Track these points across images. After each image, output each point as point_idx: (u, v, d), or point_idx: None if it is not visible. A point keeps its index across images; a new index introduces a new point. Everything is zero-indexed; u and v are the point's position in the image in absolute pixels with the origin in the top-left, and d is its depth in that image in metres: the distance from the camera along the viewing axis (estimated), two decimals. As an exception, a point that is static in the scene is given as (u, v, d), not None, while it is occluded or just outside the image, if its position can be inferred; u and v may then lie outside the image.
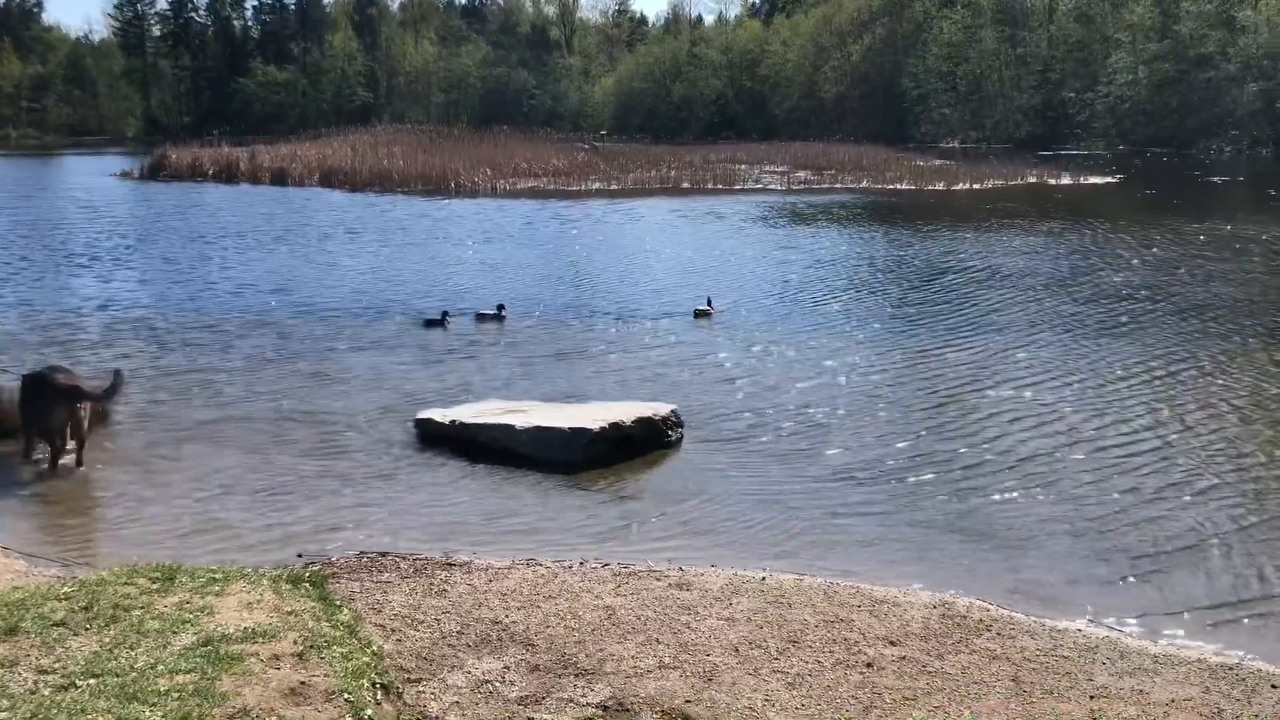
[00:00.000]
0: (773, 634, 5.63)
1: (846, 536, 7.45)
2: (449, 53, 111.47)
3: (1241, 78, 53.81)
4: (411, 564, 6.64)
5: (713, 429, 9.95)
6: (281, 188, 39.79)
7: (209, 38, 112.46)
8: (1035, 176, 40.35)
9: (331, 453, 9.31)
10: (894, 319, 15.26)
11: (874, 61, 76.08)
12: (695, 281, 18.48)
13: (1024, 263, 20.17)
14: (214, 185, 41.45)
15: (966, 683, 5.13)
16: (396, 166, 41.09)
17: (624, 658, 5.28)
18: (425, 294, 17.44)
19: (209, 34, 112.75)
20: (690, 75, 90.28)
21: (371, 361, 12.77)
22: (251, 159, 44.58)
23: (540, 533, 7.53)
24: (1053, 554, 7.10)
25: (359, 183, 39.31)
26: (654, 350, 13.44)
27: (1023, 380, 11.52)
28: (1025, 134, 65.35)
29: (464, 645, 5.40)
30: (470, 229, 27.01)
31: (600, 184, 40.20)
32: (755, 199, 35.00)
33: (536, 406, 10.01)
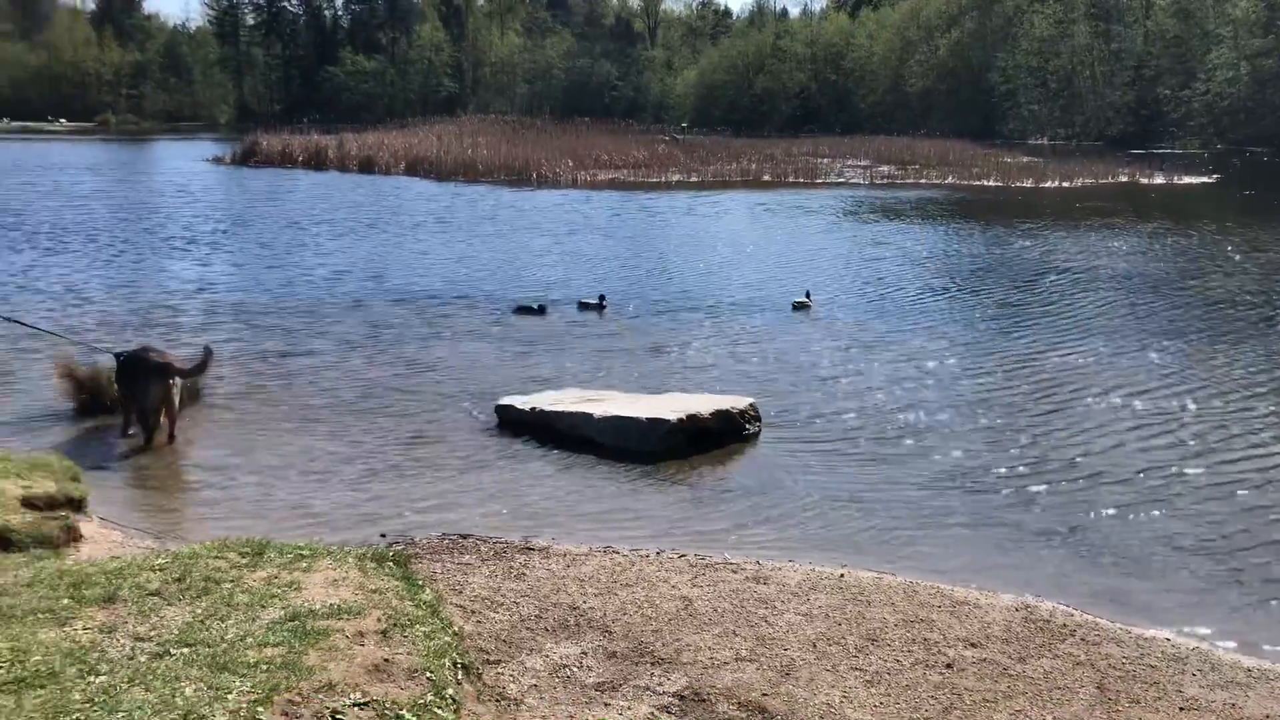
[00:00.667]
0: (851, 631, 5.59)
1: (927, 537, 7.36)
2: (534, 44, 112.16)
3: (1350, 75, 51.85)
4: (491, 547, 6.72)
5: (792, 424, 9.89)
6: (368, 176, 40.45)
7: (300, 27, 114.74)
8: (1127, 175, 39.36)
9: (415, 436, 9.45)
10: (990, 319, 14.94)
11: (962, 56, 74.69)
12: (786, 275, 18.41)
13: (1123, 264, 19.70)
14: (303, 172, 42.28)
15: (1049, 688, 5.03)
16: (481, 156, 41.51)
17: (701, 648, 5.28)
18: (516, 283, 17.59)
19: (300, 23, 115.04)
20: (773, 68, 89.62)
21: (459, 348, 12.94)
22: (339, 147, 45.36)
23: (617, 521, 7.56)
24: (1141, 561, 6.93)
25: (444, 172, 39.79)
26: (741, 343, 13.42)
27: (1118, 386, 11.21)
28: (1117, 131, 63.67)
29: (542, 629, 5.45)
30: (556, 219, 27.19)
31: (680, 176, 40.16)
32: (838, 193, 34.68)
33: (614, 396, 10.05)
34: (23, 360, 11.72)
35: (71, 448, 8.75)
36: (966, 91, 73.19)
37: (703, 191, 35.30)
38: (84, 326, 13.19)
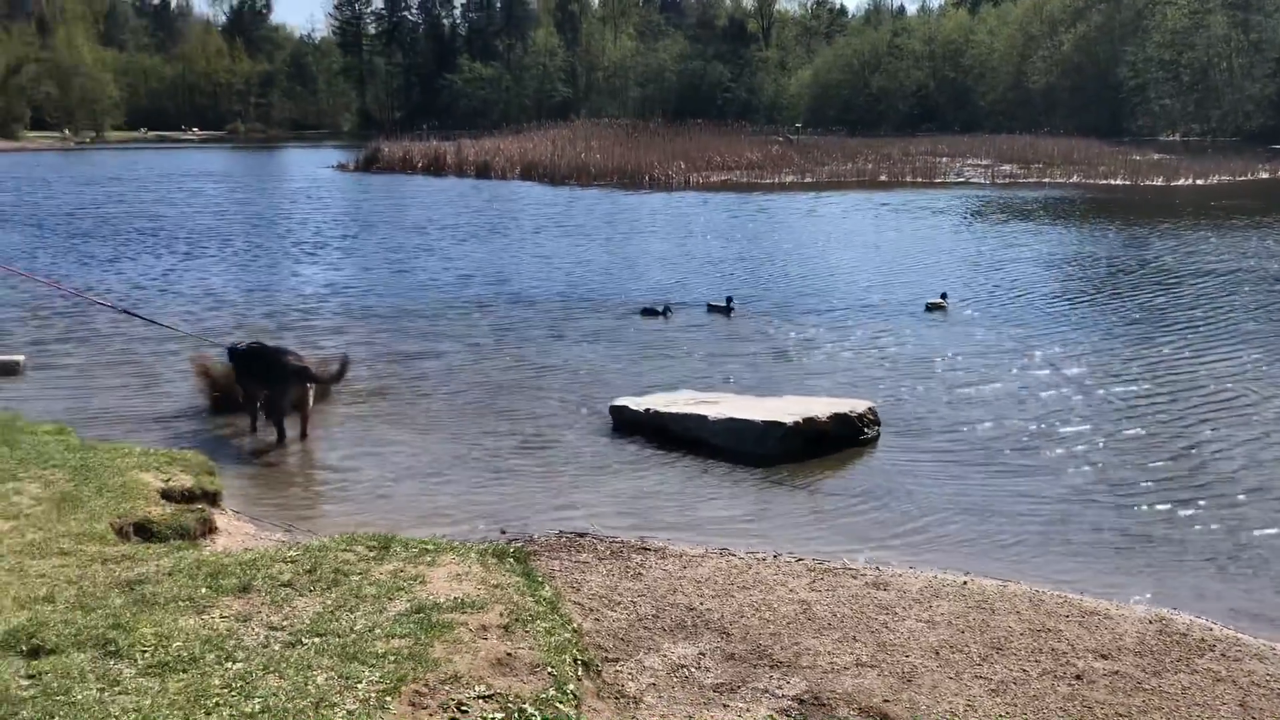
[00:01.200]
0: (974, 639, 5.46)
1: (1055, 546, 7.14)
2: (646, 47, 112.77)
3: None
4: (608, 546, 6.76)
5: (915, 429, 9.72)
6: (485, 180, 41.20)
7: (420, 35, 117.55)
8: (1268, 172, 37.65)
9: (534, 437, 9.58)
10: (1129, 324, 14.40)
11: (1088, 50, 72.43)
12: (916, 276, 18.17)
13: (1273, 265, 18.83)
14: (422, 177, 43.28)
15: (1187, 704, 4.84)
16: (594, 160, 41.90)
17: (820, 653, 5.23)
18: (637, 285, 17.70)
19: (420, 31, 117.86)
20: (890, 66, 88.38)
21: (580, 351, 13.07)
22: (457, 153, 46.31)
23: (732, 523, 7.54)
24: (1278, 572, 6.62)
25: (558, 177, 40.29)
26: (867, 345, 13.29)
27: (1267, 396, 10.70)
28: (1256, 126, 60.95)
29: (659, 629, 5.46)
30: (672, 221, 27.31)
31: (794, 177, 39.88)
32: (959, 193, 34.00)
33: (729, 398, 10.02)
34: (164, 361, 12.25)
35: (207, 443, 9.11)
36: (1092, 87, 70.95)
37: (818, 193, 34.98)
38: (222, 328, 13.72)
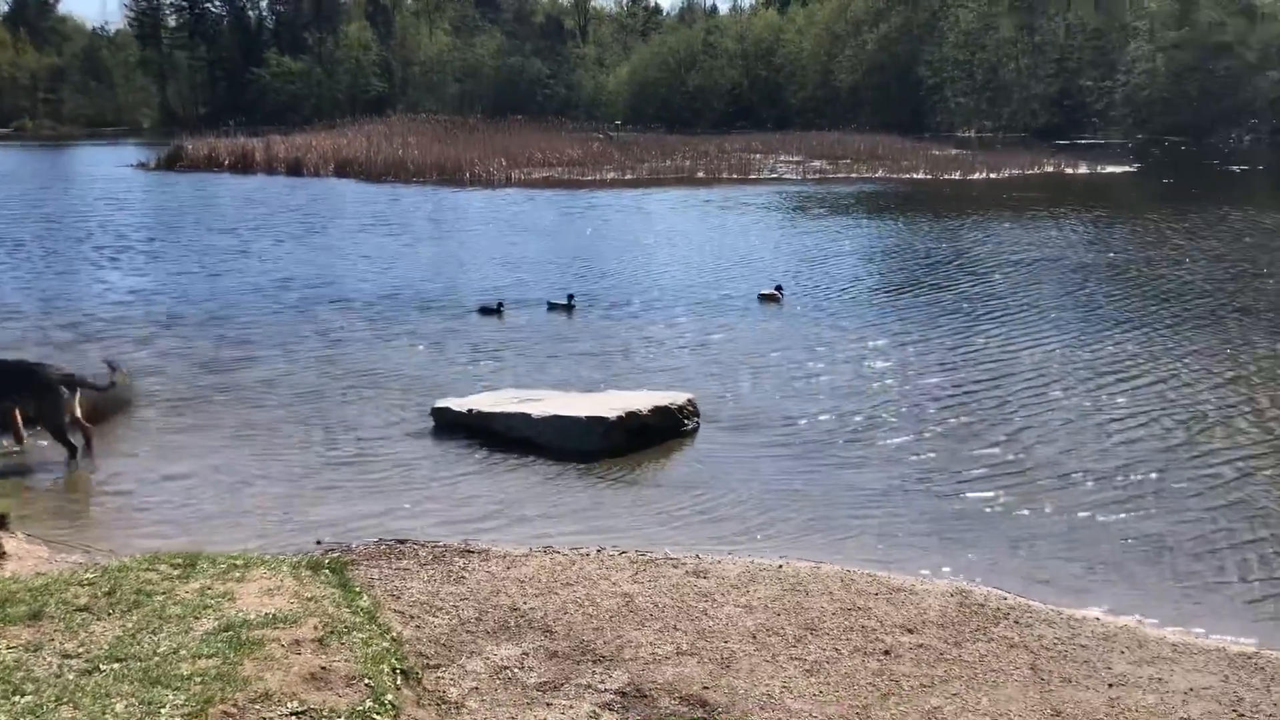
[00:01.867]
0: (790, 621, 5.64)
1: (864, 526, 7.45)
2: (463, 42, 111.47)
3: (1260, 66, 53.33)
4: (430, 551, 6.67)
5: (731, 418, 9.95)
6: (297, 178, 39.91)
7: (224, 28, 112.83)
8: (1052, 166, 40.15)
9: (352, 442, 9.34)
10: (946, 314, 14.86)
11: (889, 50, 75.71)
12: (745, 271, 18.45)
13: (1067, 254, 20.02)
14: (230, 176, 41.58)
15: (985, 670, 5.13)
16: (411, 156, 41.17)
17: (642, 644, 5.30)
18: (467, 285, 17.41)
19: (224, 24, 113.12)
20: (705, 65, 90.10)
21: (403, 352, 12.80)
22: (267, 149, 44.67)
23: (557, 521, 7.55)
24: (1071, 543, 7.08)
25: (374, 173, 39.41)
26: (695, 338, 13.48)
27: (1059, 377, 11.38)
28: (1042, 123, 64.96)
29: (482, 632, 5.43)
30: (499, 219, 27.10)
31: (615, 173, 40.19)
32: (774, 188, 34.95)
33: (553, 395, 10.03)
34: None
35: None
36: (895, 85, 74.21)
37: (637, 189, 35.36)
38: (15, 342, 12.81)
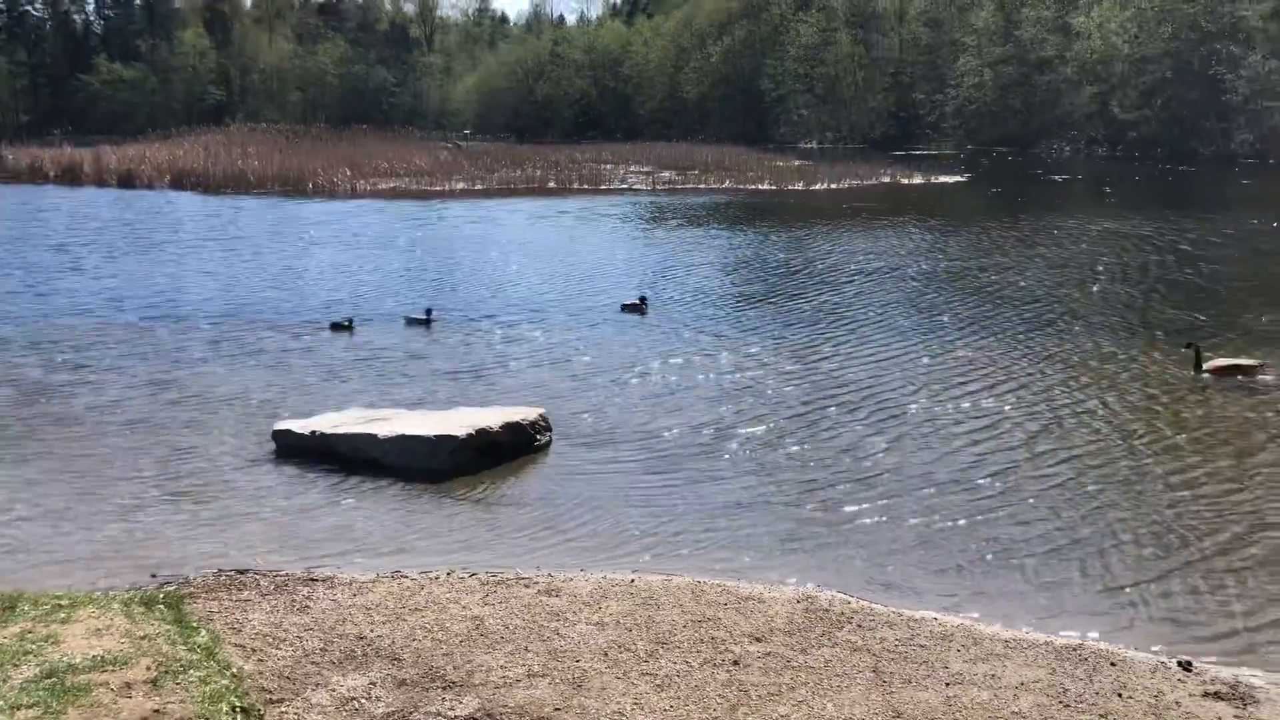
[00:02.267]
0: (641, 636, 5.68)
1: (715, 536, 7.56)
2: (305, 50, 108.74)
3: (1078, 81, 56.47)
4: (272, 581, 6.46)
5: (584, 432, 9.96)
6: (130, 190, 38.18)
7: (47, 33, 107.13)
8: (890, 176, 41.59)
9: (192, 469, 8.99)
10: (802, 324, 15.05)
11: (734, 63, 77.18)
12: (605, 283, 18.45)
13: (896, 262, 20.58)
14: (56, 188, 39.49)
15: (829, 675, 5.26)
16: (252, 167, 39.89)
17: (492, 668, 5.25)
18: (319, 300, 16.98)
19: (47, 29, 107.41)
20: (553, 75, 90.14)
21: (251, 373, 12.37)
22: (96, 160, 42.63)
23: (405, 544, 7.42)
24: (913, 547, 7.33)
25: (213, 185, 38.04)
26: (560, 352, 13.41)
27: (898, 383, 11.78)
28: (880, 134, 67.27)
29: (328, 662, 5.29)
30: (349, 231, 26.44)
31: (464, 184, 39.78)
32: (625, 199, 35.16)
33: (400, 414, 9.84)
34: None
35: None
36: (740, 97, 75.68)
37: (487, 200, 35.09)
38: None
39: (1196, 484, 8.39)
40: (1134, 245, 22.15)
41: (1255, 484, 8.36)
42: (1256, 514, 7.74)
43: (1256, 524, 7.56)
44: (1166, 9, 51.40)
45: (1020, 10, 60.36)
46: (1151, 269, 19.13)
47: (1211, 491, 8.22)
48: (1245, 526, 7.53)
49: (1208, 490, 8.25)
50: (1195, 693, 5.20)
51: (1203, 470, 8.70)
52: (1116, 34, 54.29)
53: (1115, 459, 9.03)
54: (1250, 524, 7.56)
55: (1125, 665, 5.50)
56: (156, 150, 46.13)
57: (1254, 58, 47.54)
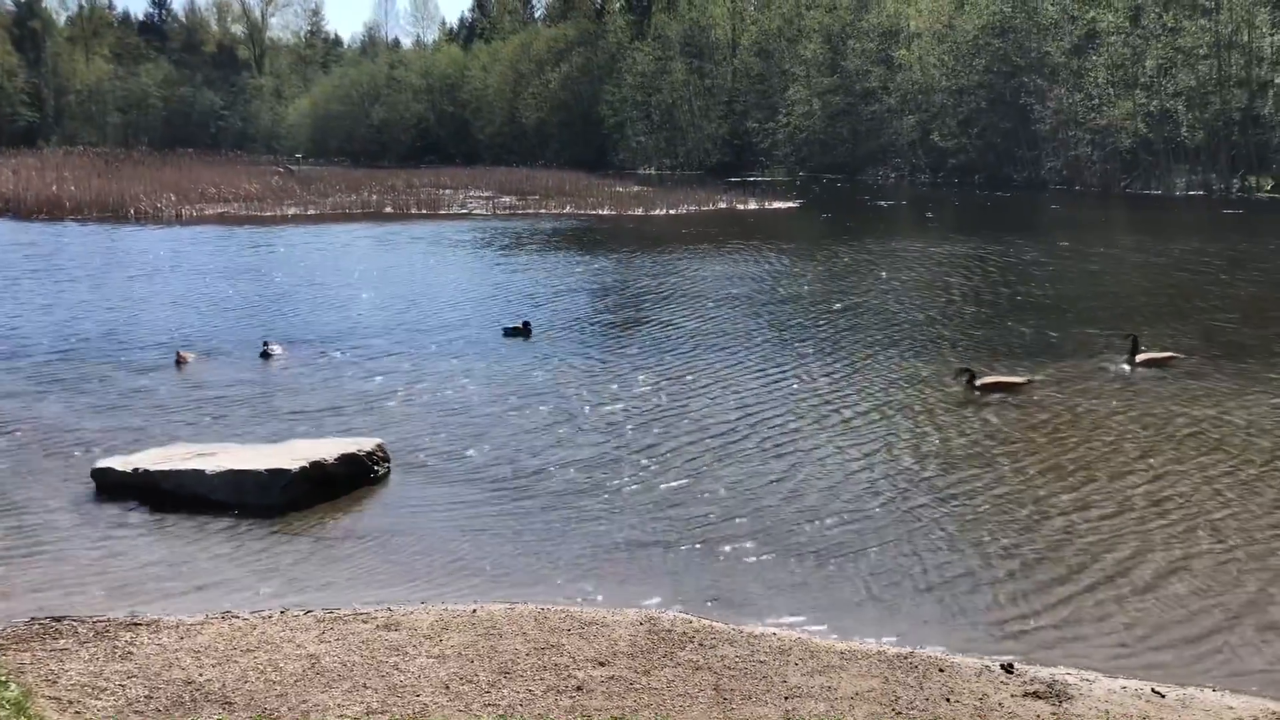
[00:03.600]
0: (484, 667, 5.62)
1: (557, 562, 7.54)
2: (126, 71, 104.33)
3: (901, 110, 59.12)
4: (91, 627, 6.13)
5: (423, 461, 9.81)
6: (-72, 216, 35.79)
7: None
8: (725, 202, 42.52)
9: (1, 510, 8.45)
10: (637, 345, 15.20)
11: (572, 89, 77.79)
12: (470, 310, 18.15)
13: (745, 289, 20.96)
14: None
15: (672, 696, 5.32)
16: (68, 192, 37.93)
17: (329, 707, 5.11)
18: (141, 332, 16.17)
19: None
20: (390, 98, 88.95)
21: (64, 408, 11.68)
22: (-110, 184, 39.84)
23: (237, 583, 7.15)
24: (751, 564, 7.48)
25: (25, 210, 35.99)
26: (376, 381, 13.09)
27: (731, 400, 12.01)
28: (715, 161, 68.78)
29: (153, 710, 5.05)
30: (169, 258, 25.40)
31: (297, 209, 38.79)
32: (462, 225, 34.87)
33: (228, 448, 9.49)
34: None
35: None
36: (579, 124, 76.30)
37: (321, 224, 34.30)
38: None
39: (1012, 495, 8.84)
40: (951, 266, 23.29)
41: (1066, 490, 8.86)
42: (1066, 519, 8.20)
43: (1067, 528, 8.01)
44: (980, 44, 54.38)
45: (846, 43, 62.83)
46: (957, 289, 20.14)
47: (1035, 499, 8.67)
48: (1057, 531, 7.97)
49: (1031, 497, 8.70)
50: (1017, 693, 5.48)
51: (1016, 480, 9.17)
52: (935, 66, 57.12)
53: (927, 472, 9.44)
54: (1072, 528, 8.01)
55: (952, 670, 5.74)
56: (-41, 174, 43.45)
57: (1058, 91, 50.70)
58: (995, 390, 12.08)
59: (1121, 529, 8.01)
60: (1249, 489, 8.83)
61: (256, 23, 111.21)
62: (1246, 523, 8.08)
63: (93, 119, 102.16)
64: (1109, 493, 8.79)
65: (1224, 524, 8.06)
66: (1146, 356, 13.41)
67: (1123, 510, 8.40)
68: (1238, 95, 46.07)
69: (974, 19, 54.98)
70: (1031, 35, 52.61)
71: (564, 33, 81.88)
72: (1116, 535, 7.89)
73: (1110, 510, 8.40)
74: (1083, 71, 50.07)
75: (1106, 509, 8.43)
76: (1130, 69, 48.41)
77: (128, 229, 32.41)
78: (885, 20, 61.59)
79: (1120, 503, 8.56)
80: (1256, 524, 8.06)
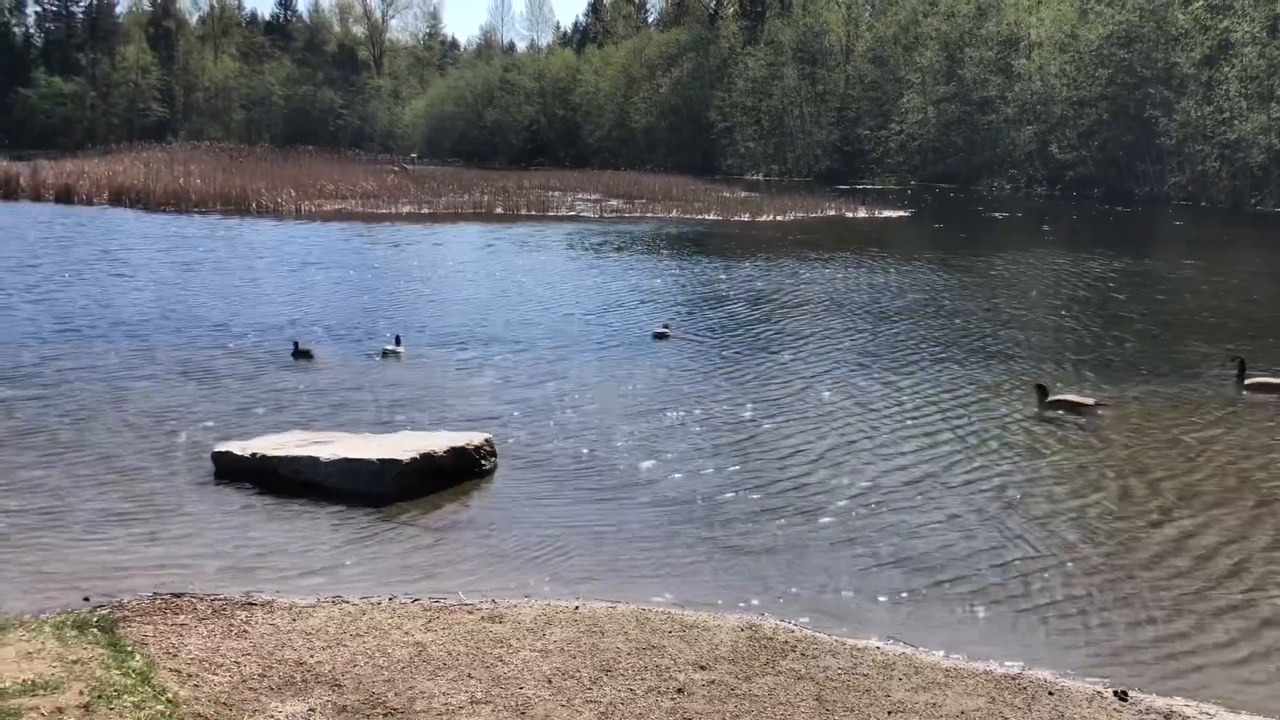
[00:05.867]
0: (586, 663, 5.65)
1: (659, 562, 7.55)
2: (251, 69, 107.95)
3: (1019, 120, 57.80)
4: (209, 605, 6.35)
5: (530, 457, 9.91)
6: (68, 205, 37.51)
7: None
8: (834, 209, 42.12)
9: (125, 489, 8.80)
10: (738, 350, 15.20)
11: (682, 94, 78.00)
12: (533, 314, 18.34)
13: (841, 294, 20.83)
14: (-10, 202, 38.70)
15: (773, 704, 5.28)
16: (194, 185, 39.38)
17: (435, 695, 5.20)
18: (279, 322, 16.68)
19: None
20: (503, 101, 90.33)
21: (185, 393, 12.09)
22: (34, 174, 41.83)
23: (347, 569, 7.32)
24: (854, 575, 7.38)
25: (153, 202, 37.48)
26: (489, 377, 13.27)
27: (835, 412, 11.88)
28: (824, 168, 68.19)
29: (266, 688, 5.20)
30: (290, 252, 26.17)
31: (411, 207, 39.63)
32: (574, 226, 35.21)
33: (342, 437, 9.73)
34: None
35: None
36: (687, 129, 76.47)
37: (434, 224, 34.96)
38: None
39: (1127, 514, 8.56)
40: (1065, 280, 22.66)
41: (1186, 514, 8.54)
42: (1190, 545, 7.91)
43: (1191, 555, 7.72)
44: (1104, 54, 52.85)
45: (963, 51, 61.68)
46: (1067, 304, 19.58)
47: (1144, 523, 8.38)
48: (1180, 557, 7.69)
49: (1140, 521, 8.42)
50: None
51: (1132, 501, 8.87)
52: (1056, 77, 55.72)
53: (1038, 489, 9.19)
54: (1185, 555, 7.73)
55: (1062, 694, 5.58)
56: (95, 166, 45.46)
57: (1185, 103, 48.97)
58: (1061, 408, 11.67)
59: (1237, 557, 7.69)
60: (1386, 523, 8.40)
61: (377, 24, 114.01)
62: (1382, 558, 7.69)
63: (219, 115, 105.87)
64: (1219, 520, 8.45)
65: (1358, 558, 7.68)
66: (1255, 381, 12.88)
67: (1237, 539, 8.06)
68: (1380, 110, 43.96)
69: (1098, 28, 53.46)
70: (1159, 45, 50.92)
71: (676, 37, 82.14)
72: (1233, 564, 7.58)
73: (1224, 539, 8.07)
74: (1213, 83, 48.32)
75: (1220, 537, 8.10)
76: (1265, 81, 46.53)
77: (249, 222, 33.50)
78: (1005, 28, 60.33)
79: (1234, 531, 8.23)
80: (1394, 560, 7.66)
